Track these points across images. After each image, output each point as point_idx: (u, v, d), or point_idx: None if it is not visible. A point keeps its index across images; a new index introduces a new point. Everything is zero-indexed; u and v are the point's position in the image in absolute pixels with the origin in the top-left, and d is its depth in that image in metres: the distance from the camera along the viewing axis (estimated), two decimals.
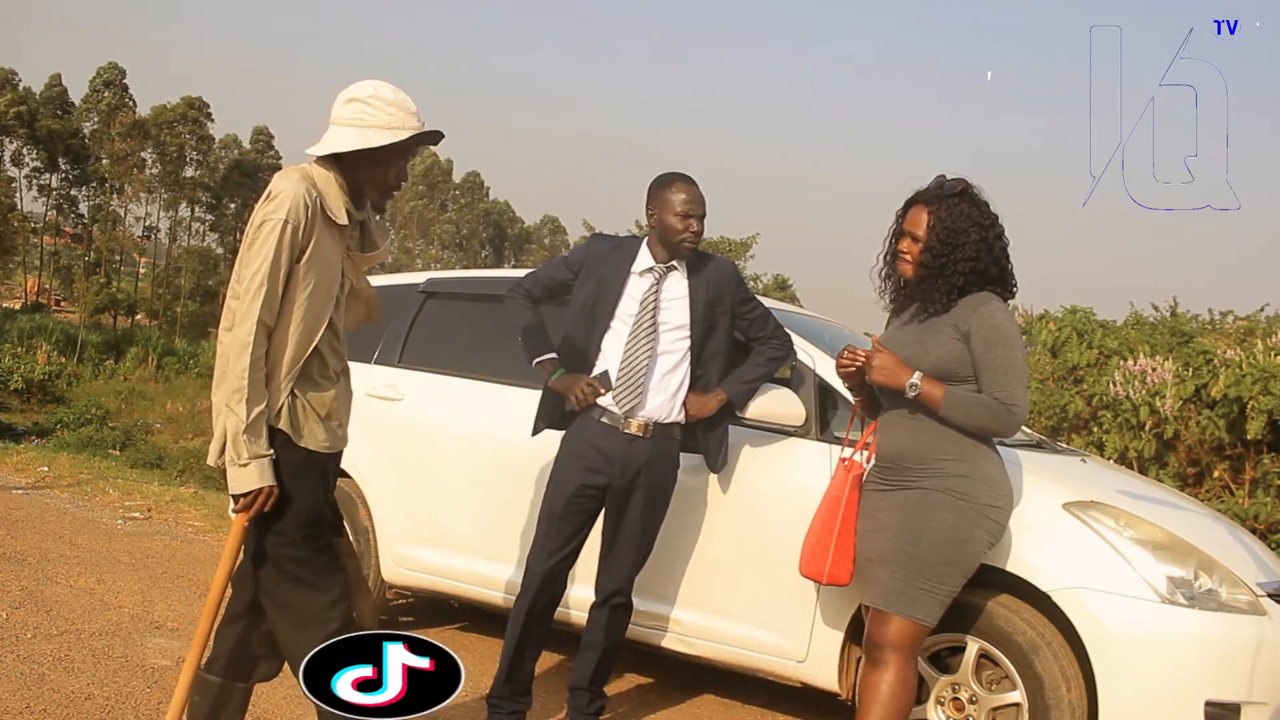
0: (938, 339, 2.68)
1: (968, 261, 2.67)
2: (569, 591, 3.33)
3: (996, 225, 2.73)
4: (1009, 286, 2.76)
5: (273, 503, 2.27)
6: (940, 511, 2.63)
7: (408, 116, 2.32)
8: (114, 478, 7.57)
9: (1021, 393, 2.62)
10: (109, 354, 22.03)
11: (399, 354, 4.28)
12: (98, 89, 48.36)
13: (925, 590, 2.62)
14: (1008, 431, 2.67)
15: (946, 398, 2.64)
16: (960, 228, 2.68)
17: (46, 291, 49.84)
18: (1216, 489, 5.53)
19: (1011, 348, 2.64)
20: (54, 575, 4.54)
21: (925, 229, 2.72)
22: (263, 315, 2.22)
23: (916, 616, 2.63)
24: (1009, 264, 2.75)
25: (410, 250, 59.52)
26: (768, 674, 3.41)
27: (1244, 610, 2.86)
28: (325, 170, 2.33)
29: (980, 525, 2.64)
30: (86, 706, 3.10)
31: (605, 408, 3.11)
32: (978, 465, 2.66)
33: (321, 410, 2.37)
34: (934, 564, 2.62)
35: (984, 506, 2.64)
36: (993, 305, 2.68)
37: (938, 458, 2.66)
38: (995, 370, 2.63)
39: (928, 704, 3.04)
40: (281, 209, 2.22)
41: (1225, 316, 7.50)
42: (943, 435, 2.67)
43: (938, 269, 2.70)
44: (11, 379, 14.08)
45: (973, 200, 2.72)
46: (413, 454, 4.04)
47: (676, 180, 3.13)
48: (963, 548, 2.63)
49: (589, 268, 3.21)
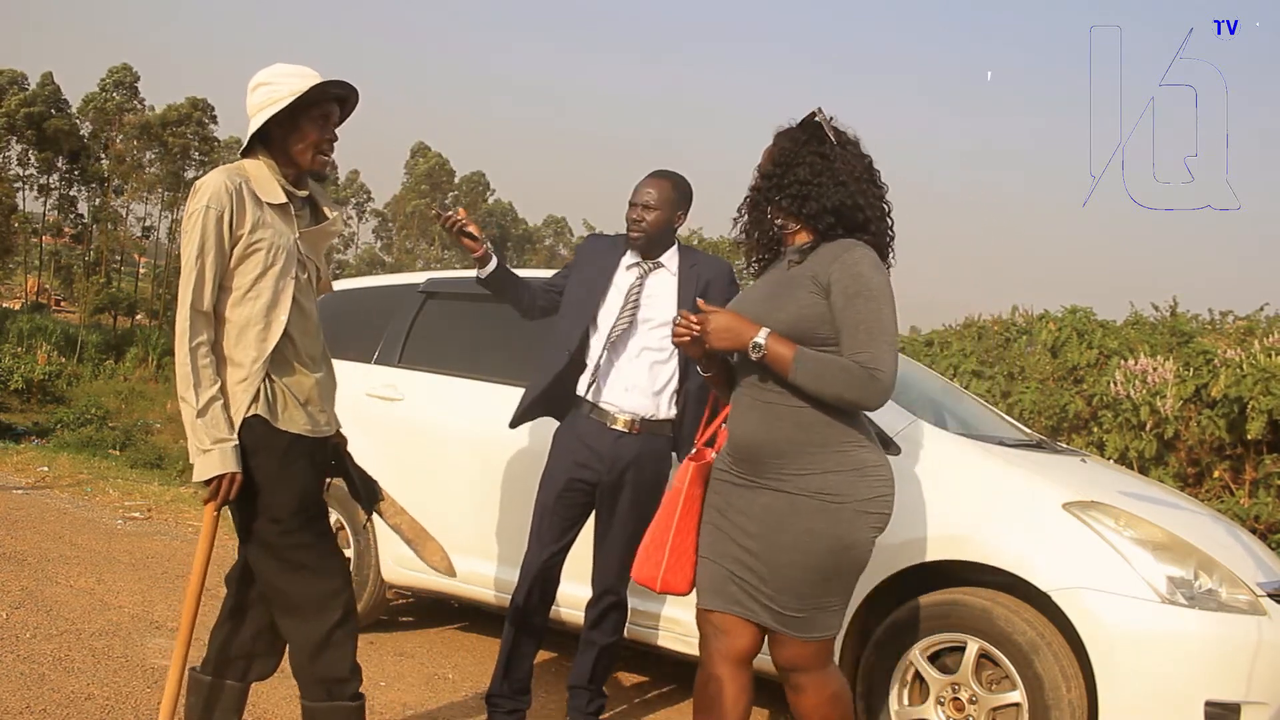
0: (793, 293, 2.29)
1: (800, 185, 2.31)
2: (566, 590, 3.33)
3: (854, 163, 2.35)
4: (881, 242, 2.37)
5: (236, 489, 2.26)
6: (813, 522, 2.25)
7: (312, 77, 2.37)
8: (114, 478, 7.57)
9: (887, 354, 2.20)
10: (109, 354, 22.01)
11: (399, 354, 4.28)
12: (107, 89, 48.35)
13: (817, 609, 2.30)
14: (870, 402, 2.22)
15: (797, 359, 2.21)
16: (794, 151, 2.36)
17: (46, 291, 49.82)
18: (1216, 489, 5.52)
19: (876, 301, 2.23)
20: (54, 575, 4.54)
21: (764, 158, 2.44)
22: (194, 301, 2.26)
23: (814, 636, 2.32)
24: (878, 214, 2.36)
25: (410, 250, 59.51)
26: (768, 674, 3.41)
27: (1244, 610, 2.86)
28: (255, 159, 2.40)
29: (862, 525, 2.27)
30: (86, 706, 3.10)
31: (594, 404, 3.12)
32: (847, 454, 2.27)
33: (301, 395, 2.38)
34: (818, 581, 2.28)
35: (862, 503, 2.26)
36: (857, 252, 2.27)
37: (799, 451, 2.26)
38: (856, 328, 2.21)
39: (928, 704, 3.04)
40: (203, 198, 2.28)
41: (1225, 316, 7.49)
42: (801, 422, 2.26)
43: (765, 193, 2.39)
44: (11, 379, 14.07)
45: (817, 130, 2.37)
46: (413, 454, 4.04)
47: (645, 176, 3.18)
48: (846, 556, 2.28)
49: (581, 264, 3.27)
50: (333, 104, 2.42)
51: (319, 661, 2.36)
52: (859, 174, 2.34)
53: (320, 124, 2.40)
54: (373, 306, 4.56)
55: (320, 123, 2.40)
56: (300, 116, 2.37)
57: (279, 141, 2.39)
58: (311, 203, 2.51)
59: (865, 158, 2.39)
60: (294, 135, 2.38)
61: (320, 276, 2.52)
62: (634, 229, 3.14)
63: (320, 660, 2.36)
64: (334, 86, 2.40)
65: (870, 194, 2.35)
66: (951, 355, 7.07)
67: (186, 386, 2.25)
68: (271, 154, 2.40)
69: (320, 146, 2.41)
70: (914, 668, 3.07)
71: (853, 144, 2.39)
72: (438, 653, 4.12)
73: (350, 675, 2.40)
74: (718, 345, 2.29)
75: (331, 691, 2.38)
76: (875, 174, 2.39)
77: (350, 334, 4.43)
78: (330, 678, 2.37)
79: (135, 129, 46.91)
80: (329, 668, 2.37)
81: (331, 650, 2.37)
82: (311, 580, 2.36)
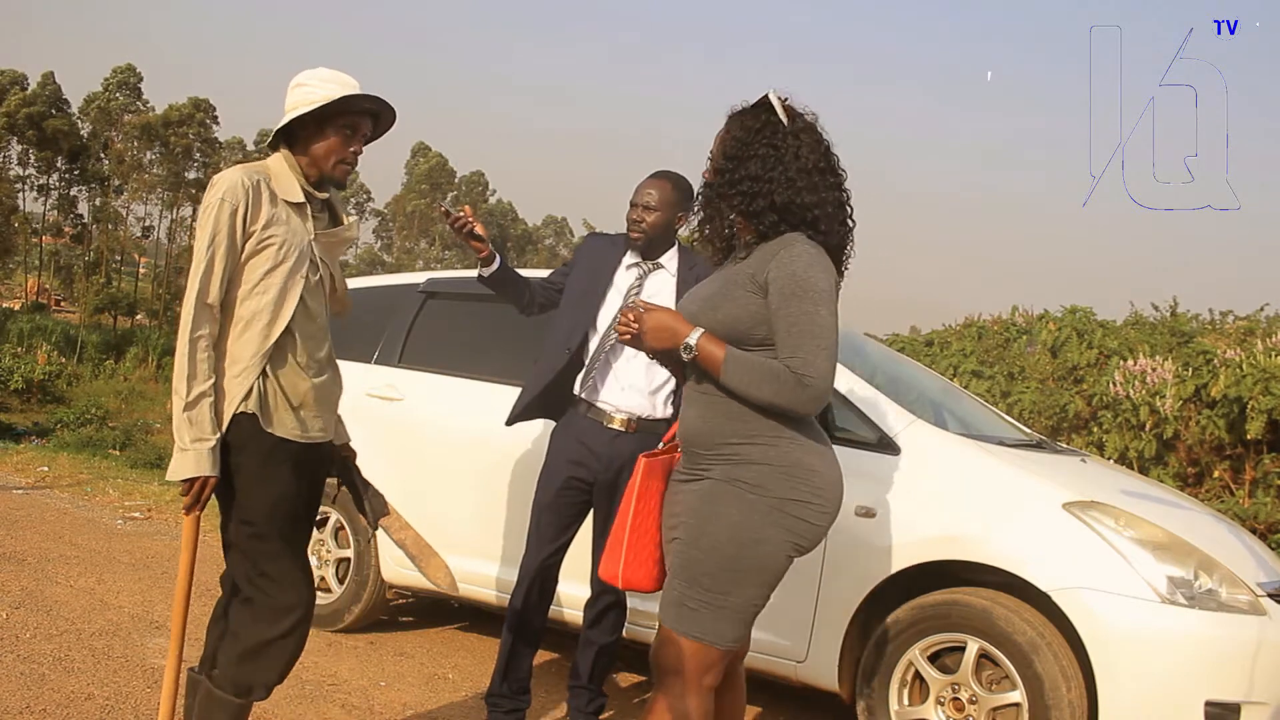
0: (732, 292, 2.18)
1: (752, 183, 2.17)
2: (566, 590, 3.33)
3: (807, 153, 2.19)
4: (834, 240, 2.22)
5: (209, 493, 2.24)
6: (723, 507, 2.14)
7: (348, 86, 2.38)
8: (114, 478, 7.57)
9: (819, 359, 2.08)
10: (109, 354, 21.98)
11: (399, 354, 4.29)
12: (110, 88, 48.36)
13: (705, 603, 2.13)
14: (801, 408, 2.10)
15: (726, 361, 2.12)
16: (746, 141, 2.20)
17: (46, 291, 49.82)
18: (1216, 489, 5.52)
19: (811, 301, 2.10)
20: (54, 575, 4.54)
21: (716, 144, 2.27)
22: (201, 293, 2.25)
23: (692, 634, 2.14)
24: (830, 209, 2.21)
25: (411, 250, 59.51)
26: (768, 674, 3.41)
27: (1244, 610, 2.87)
28: (279, 156, 2.41)
29: (775, 523, 2.12)
30: (86, 706, 3.10)
31: (591, 403, 3.13)
32: (780, 451, 2.14)
33: (295, 398, 2.36)
34: (713, 571, 2.13)
35: (781, 500, 2.13)
36: (796, 249, 2.13)
37: (727, 441, 2.17)
38: (789, 330, 2.10)
39: (928, 704, 3.04)
40: (218, 192, 2.28)
41: (1225, 316, 7.50)
42: (733, 414, 2.16)
43: (718, 191, 2.24)
44: (11, 379, 14.05)
45: (771, 115, 2.21)
46: (413, 454, 4.04)
47: (646, 176, 3.19)
48: (750, 551, 2.12)
49: (582, 261, 3.27)
50: (363, 117, 2.43)
51: (246, 664, 2.32)
52: (812, 165, 2.19)
53: (346, 134, 2.40)
54: (373, 306, 4.55)
55: (346, 133, 2.40)
56: (328, 124, 2.38)
57: (304, 144, 2.40)
58: (330, 207, 2.51)
59: (822, 144, 2.23)
60: (319, 141, 2.39)
61: (335, 285, 2.51)
62: (634, 229, 3.14)
63: (248, 664, 2.33)
64: (366, 100, 2.40)
65: (824, 185, 2.20)
66: (951, 355, 7.07)
67: (180, 377, 2.23)
68: (296, 154, 2.42)
69: (344, 156, 2.42)
70: (914, 668, 3.07)
71: (808, 129, 2.23)
72: (438, 653, 4.12)
73: (264, 689, 2.36)
74: (653, 344, 2.23)
75: (238, 690, 2.34)
76: (833, 161, 2.25)
77: (350, 334, 4.42)
78: (246, 683, 2.34)
79: (136, 129, 46.91)
80: (251, 673, 2.33)
81: (263, 660, 2.33)
82: (269, 588, 2.32)
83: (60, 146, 46.85)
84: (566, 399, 3.19)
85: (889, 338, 8.23)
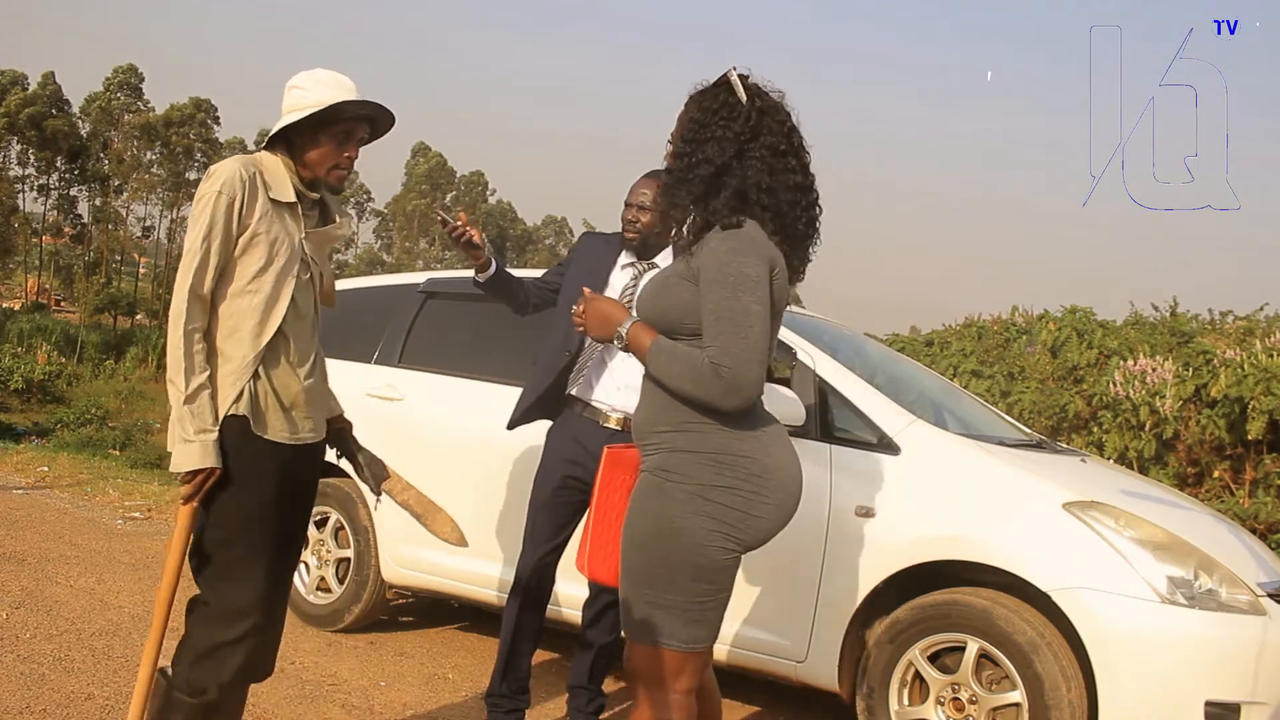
0: (669, 280, 2.11)
1: (709, 166, 2.06)
2: (565, 590, 3.33)
3: (765, 135, 2.07)
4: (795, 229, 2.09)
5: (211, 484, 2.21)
6: (648, 499, 2.05)
7: (342, 91, 2.33)
8: (114, 478, 7.57)
9: (738, 349, 1.94)
10: (109, 354, 21.98)
11: (399, 354, 4.29)
12: (111, 88, 48.36)
13: (650, 604, 2.03)
14: (720, 401, 1.97)
15: (651, 349, 2.05)
16: (706, 123, 2.09)
17: (46, 291, 49.81)
18: (1216, 489, 5.52)
19: (732, 289, 1.97)
20: (54, 575, 4.54)
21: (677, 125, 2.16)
22: (194, 285, 2.21)
23: (645, 639, 2.04)
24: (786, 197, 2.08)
25: (411, 250, 59.50)
26: (768, 674, 3.41)
27: (1244, 610, 2.87)
28: (274, 154, 2.37)
29: (697, 511, 1.99)
30: (86, 706, 3.10)
31: (587, 402, 3.13)
32: (704, 437, 2.02)
33: (286, 399, 2.33)
34: (647, 568, 2.03)
35: (702, 487, 1.99)
36: (725, 235, 2.02)
37: (658, 430, 2.07)
38: (709, 320, 1.98)
39: (928, 704, 3.04)
40: (216, 182, 2.24)
41: (1225, 316, 7.49)
42: (667, 403, 2.07)
43: (677, 177, 2.12)
44: (11, 379, 14.05)
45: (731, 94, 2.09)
46: (413, 454, 4.04)
47: (641, 176, 3.18)
48: (673, 543, 2.00)
49: (578, 262, 3.27)
50: (359, 123, 2.38)
51: (198, 666, 2.29)
52: (773, 147, 2.07)
53: (339, 141, 2.35)
54: (373, 306, 4.56)
55: (339, 139, 2.35)
56: (322, 130, 2.33)
57: (300, 149, 2.36)
58: (322, 205, 2.48)
59: (786, 124, 2.11)
60: (311, 146, 2.34)
61: (324, 283, 2.49)
62: (629, 229, 3.14)
63: (200, 665, 2.29)
64: (360, 107, 2.35)
65: (785, 169, 2.08)
66: (951, 355, 7.07)
67: (177, 370, 2.19)
68: (291, 156, 2.38)
69: (338, 162, 2.37)
70: (914, 668, 3.07)
71: (772, 109, 2.11)
72: (438, 653, 4.12)
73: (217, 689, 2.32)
74: (594, 334, 2.17)
75: (191, 690, 2.30)
76: (796, 142, 2.12)
77: (350, 334, 4.43)
78: (199, 684, 2.30)
79: (136, 129, 46.91)
80: (203, 675, 2.29)
81: (215, 663, 2.29)
82: (226, 591, 2.27)
83: (60, 146, 46.84)
84: (564, 399, 3.20)
85: (889, 338, 8.23)
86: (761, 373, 1.98)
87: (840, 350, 3.72)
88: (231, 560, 2.28)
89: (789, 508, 2.08)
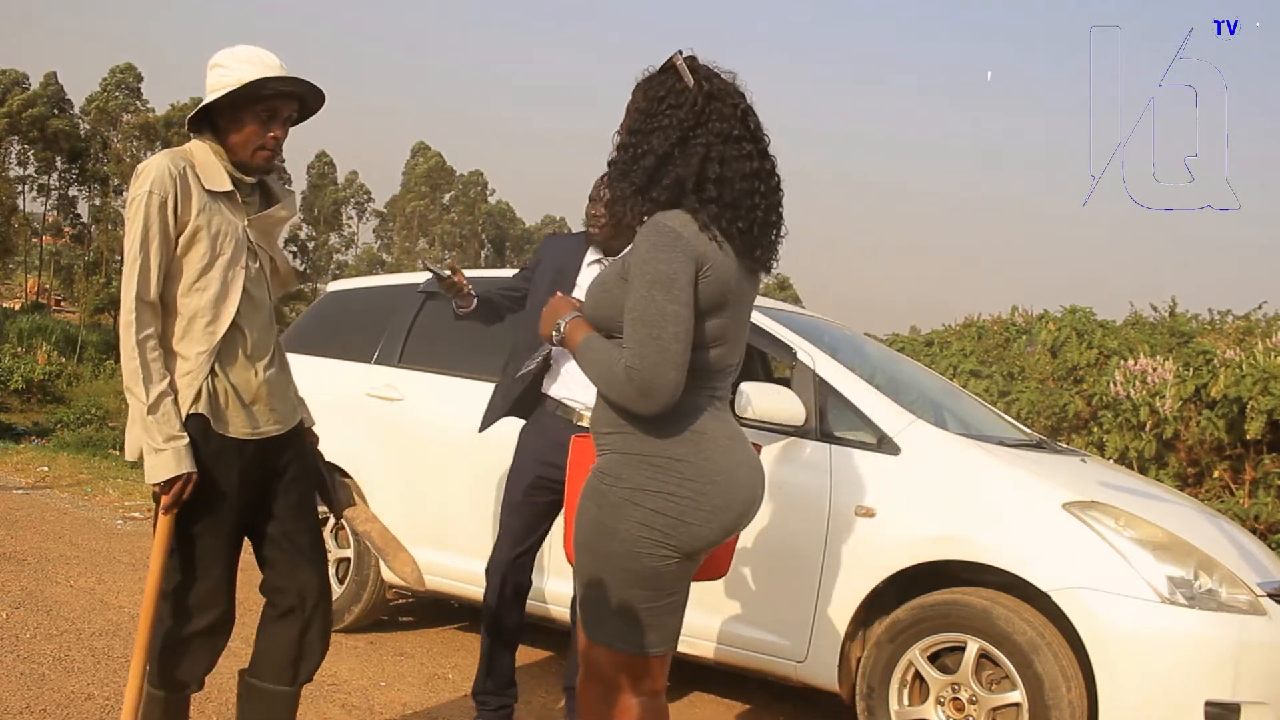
0: (606, 277, 2.03)
1: (654, 157, 1.94)
2: (560, 589, 3.33)
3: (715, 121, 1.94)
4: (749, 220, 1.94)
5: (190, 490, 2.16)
6: (586, 501, 2.00)
7: (264, 68, 2.23)
8: (114, 478, 7.57)
9: (650, 350, 1.84)
10: (109, 354, 21.93)
11: (399, 354, 4.29)
12: (110, 88, 48.35)
13: (596, 603, 1.99)
14: (633, 404, 1.88)
15: (580, 347, 1.98)
16: (652, 112, 1.97)
17: (46, 291, 49.83)
18: (1216, 489, 5.52)
19: (648, 288, 1.86)
20: (54, 575, 4.54)
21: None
22: (139, 290, 2.16)
23: (597, 639, 2.00)
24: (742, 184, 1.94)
25: (410, 250, 59.47)
26: (768, 674, 3.41)
27: (1244, 610, 2.87)
28: (202, 143, 2.28)
29: (627, 516, 1.92)
30: (86, 706, 3.10)
31: (559, 400, 3.13)
32: (639, 439, 1.93)
33: (247, 395, 2.28)
34: (592, 570, 1.98)
35: (634, 491, 1.92)
36: (649, 229, 1.91)
37: (600, 431, 2.01)
38: (626, 320, 1.89)
39: (928, 704, 3.04)
40: (145, 182, 2.17)
41: (1224, 316, 7.49)
42: (599, 402, 2.02)
43: (621, 168, 2.01)
44: (11, 379, 14.03)
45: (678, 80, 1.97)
46: (412, 454, 4.04)
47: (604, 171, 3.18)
48: (607, 547, 1.94)
49: (545, 262, 3.26)
50: (284, 100, 2.26)
51: (168, 659, 2.28)
52: (721, 135, 1.94)
53: (262, 120, 2.24)
54: (373, 306, 4.56)
55: (262, 118, 2.24)
56: (242, 109, 2.22)
57: (225, 131, 2.25)
58: (263, 188, 2.38)
59: (739, 109, 1.98)
60: (234, 127, 2.24)
61: (277, 267, 2.41)
62: (594, 224, 3.13)
63: (170, 659, 2.28)
64: (282, 83, 2.23)
65: (737, 156, 1.95)
66: (951, 355, 7.07)
67: (135, 380, 2.14)
68: (217, 138, 2.27)
69: (263, 142, 2.25)
70: (914, 668, 3.07)
71: (723, 93, 1.98)
72: (438, 653, 4.12)
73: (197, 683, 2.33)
74: (541, 330, 2.12)
75: (165, 683, 2.30)
76: (751, 127, 1.99)
77: (350, 334, 4.43)
78: (173, 677, 2.30)
79: (136, 129, 46.92)
80: (174, 669, 2.29)
81: (185, 656, 2.29)
82: (189, 585, 2.26)
83: (60, 147, 46.85)
84: (536, 400, 3.19)
85: (889, 338, 8.23)
86: (677, 376, 1.86)
87: (840, 350, 3.72)
88: (193, 555, 2.27)
89: (732, 515, 1.96)
